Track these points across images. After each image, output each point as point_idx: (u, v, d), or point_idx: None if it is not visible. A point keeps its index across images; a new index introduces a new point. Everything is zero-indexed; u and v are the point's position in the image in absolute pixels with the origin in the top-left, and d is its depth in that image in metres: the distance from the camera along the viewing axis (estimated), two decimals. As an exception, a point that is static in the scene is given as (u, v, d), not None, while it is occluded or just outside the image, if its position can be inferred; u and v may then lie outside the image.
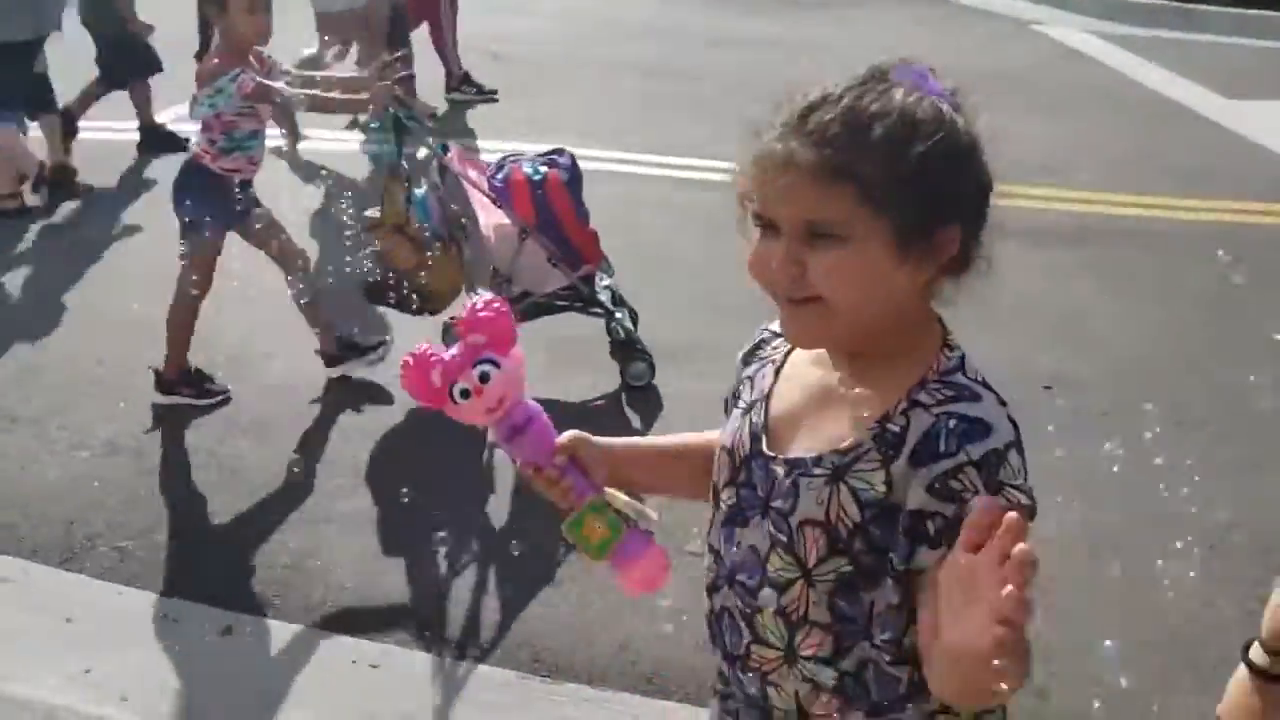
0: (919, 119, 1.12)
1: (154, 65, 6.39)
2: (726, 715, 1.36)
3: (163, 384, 3.86)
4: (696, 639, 2.78)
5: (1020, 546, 0.90)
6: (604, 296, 4.04)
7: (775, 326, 1.33)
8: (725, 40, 9.46)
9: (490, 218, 3.92)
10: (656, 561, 1.37)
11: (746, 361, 1.36)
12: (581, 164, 4.09)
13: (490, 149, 6.68)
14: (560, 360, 4.04)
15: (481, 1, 10.70)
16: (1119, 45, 9.47)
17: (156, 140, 6.38)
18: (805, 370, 1.28)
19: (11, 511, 3.34)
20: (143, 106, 6.43)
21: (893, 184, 1.11)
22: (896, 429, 1.15)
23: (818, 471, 1.18)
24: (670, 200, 5.92)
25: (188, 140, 5.98)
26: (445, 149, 4.06)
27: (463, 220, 3.94)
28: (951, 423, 1.13)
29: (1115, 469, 2.45)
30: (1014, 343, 4.05)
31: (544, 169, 3.96)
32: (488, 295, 1.39)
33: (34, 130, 5.95)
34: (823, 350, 1.25)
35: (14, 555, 3.16)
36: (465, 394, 1.33)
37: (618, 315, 4.03)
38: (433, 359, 1.34)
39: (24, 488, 3.46)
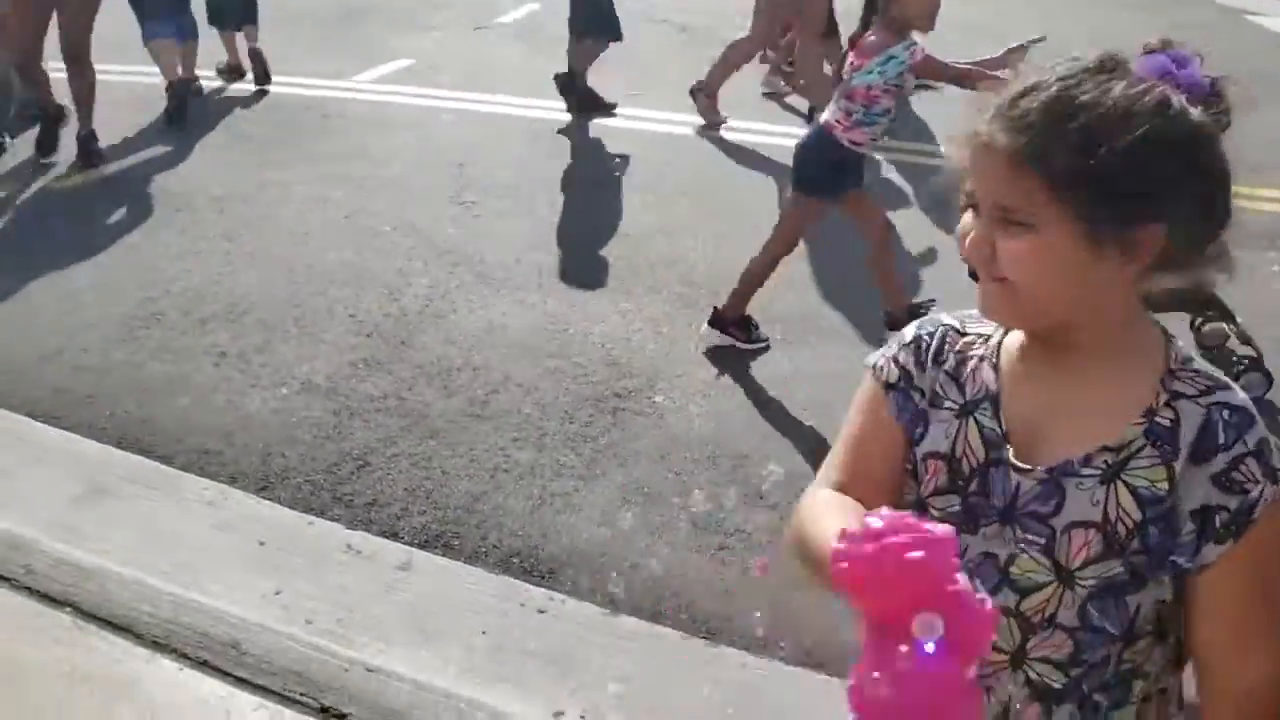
0: (1132, 111, 1.08)
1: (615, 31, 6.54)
2: None
3: (719, 322, 4.11)
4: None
5: None
6: None
7: (953, 322, 1.30)
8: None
9: None
10: None
11: (937, 360, 1.28)
12: (773, 140, 4.07)
13: (687, 120, 6.73)
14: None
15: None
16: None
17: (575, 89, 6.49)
18: (1032, 370, 1.22)
19: (217, 439, 3.58)
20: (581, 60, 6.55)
21: (1083, 177, 1.07)
22: (1166, 423, 1.13)
23: (1088, 472, 1.15)
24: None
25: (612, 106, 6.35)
26: None
27: None
28: (1225, 413, 1.12)
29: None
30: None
31: None
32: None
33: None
34: (1037, 346, 1.21)
35: (216, 479, 3.39)
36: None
37: None
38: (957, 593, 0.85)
39: (228, 418, 3.70)
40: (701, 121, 6.47)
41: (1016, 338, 1.24)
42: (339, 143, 6.20)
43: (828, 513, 1.18)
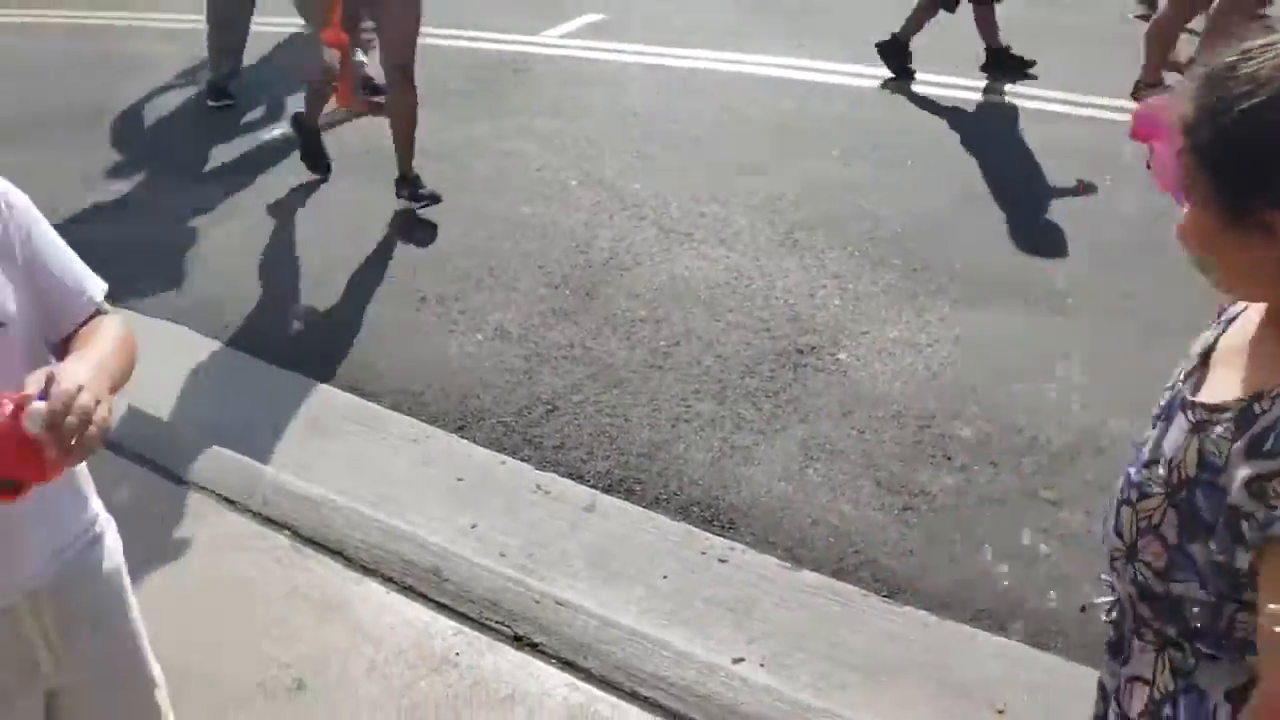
0: (1268, 78, 1.06)
1: None
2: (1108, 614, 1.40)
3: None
4: (1044, 586, 2.74)
5: None
6: None
7: None
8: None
9: None
10: None
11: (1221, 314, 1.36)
12: (961, 94, 3.95)
13: (874, 74, 6.62)
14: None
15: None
16: None
17: (1001, 61, 6.40)
18: (1243, 327, 1.26)
19: (419, 381, 3.80)
20: (988, 29, 6.46)
21: (1219, 148, 1.08)
22: (1259, 411, 1.13)
23: (1189, 416, 1.21)
24: (1044, 134, 5.63)
25: (1031, 63, 6.27)
26: None
27: None
28: None
29: None
30: None
31: None
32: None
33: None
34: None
35: (418, 418, 3.60)
36: None
37: None
38: None
39: (428, 361, 3.92)
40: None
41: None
42: (529, 98, 6.37)
43: None
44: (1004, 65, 6.35)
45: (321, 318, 4.24)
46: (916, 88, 6.25)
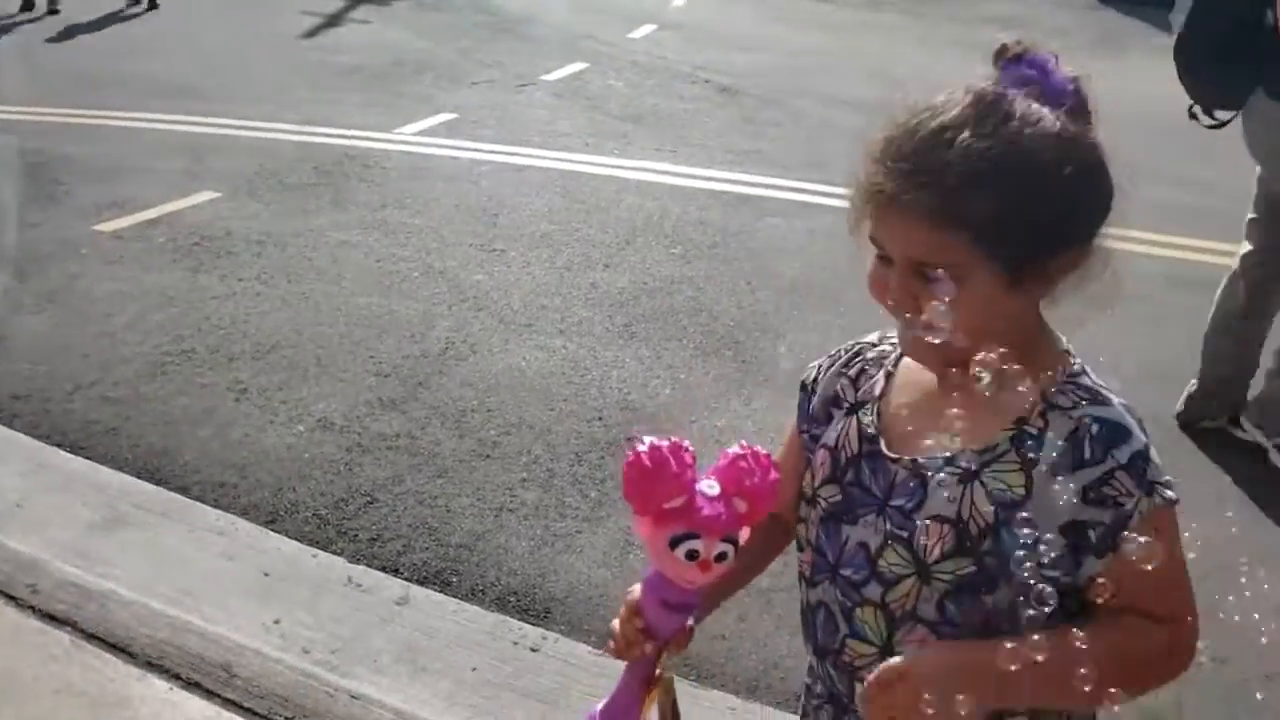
0: (1035, 151, 1.10)
1: None
2: (809, 710, 1.36)
3: None
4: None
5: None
6: None
7: (872, 338, 1.36)
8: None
9: None
10: None
11: (845, 368, 1.36)
12: (802, 197, 4.12)
13: (722, 176, 6.82)
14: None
15: (719, 39, 10.97)
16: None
17: None
18: (919, 373, 1.26)
19: (231, 472, 3.65)
20: None
21: (1004, 225, 1.09)
22: (1034, 431, 1.14)
23: (949, 470, 1.18)
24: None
25: None
26: None
27: None
28: (1095, 428, 1.12)
29: None
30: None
31: None
32: (758, 448, 1.20)
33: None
34: None
35: (228, 511, 3.45)
36: (692, 556, 1.15)
37: None
38: (690, 481, 1.15)
39: (244, 452, 3.77)
40: None
41: None
42: (376, 191, 6.35)
43: None
44: None
45: (131, 407, 4.06)
46: (755, 190, 6.47)
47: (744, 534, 1.18)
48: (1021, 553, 1.09)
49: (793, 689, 2.74)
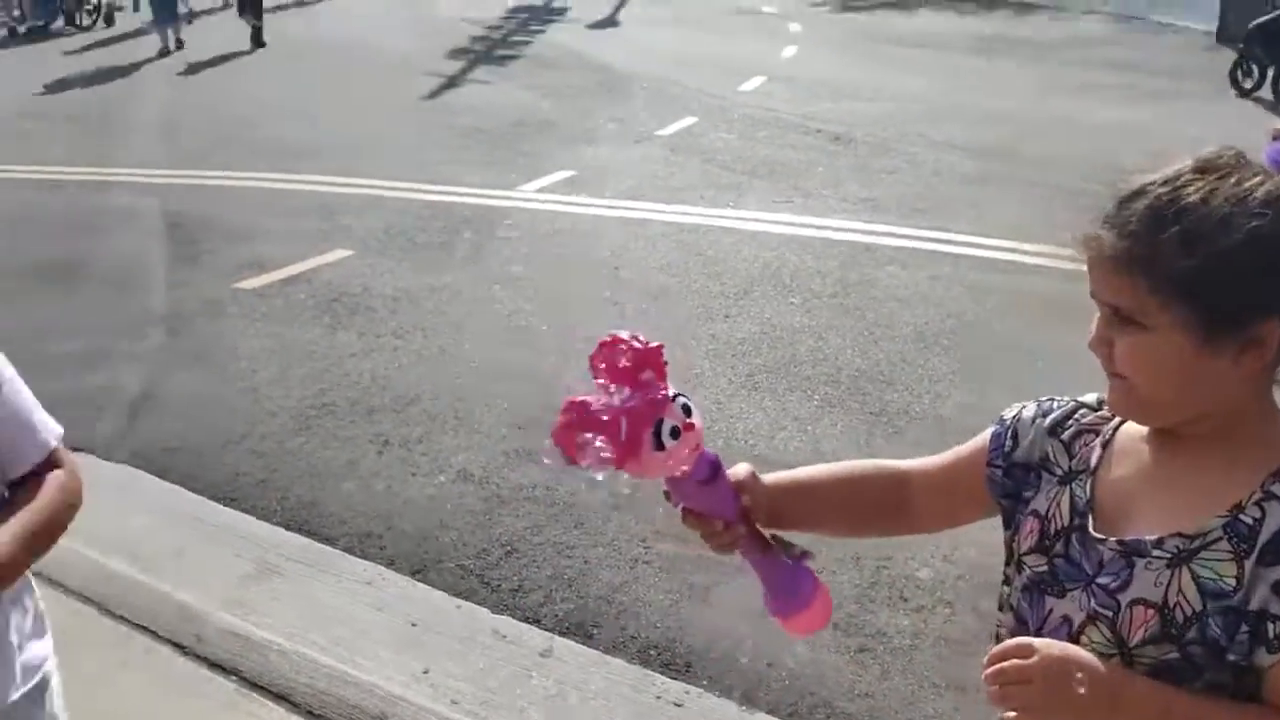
0: (1233, 212, 1.09)
1: None
2: None
3: None
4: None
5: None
6: None
7: (1090, 399, 1.33)
8: (1077, 126, 9.15)
9: None
10: (825, 604, 1.33)
11: (1056, 429, 1.33)
12: (921, 245, 4.11)
13: (839, 225, 6.84)
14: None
15: (829, 88, 11.01)
16: None
17: None
18: (1138, 448, 1.24)
19: (376, 524, 3.77)
20: None
21: (1186, 278, 1.09)
22: (1250, 521, 1.12)
23: (1158, 554, 1.16)
24: (990, 284, 5.80)
25: None
26: None
27: None
28: None
29: None
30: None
31: None
32: (620, 332, 1.21)
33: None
34: (1154, 431, 1.23)
35: (374, 561, 3.56)
36: (676, 432, 1.18)
37: None
38: (597, 407, 1.16)
39: (388, 504, 3.89)
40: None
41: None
42: (502, 248, 6.52)
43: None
44: None
45: (277, 460, 4.23)
46: (888, 240, 6.45)
47: (669, 387, 1.19)
48: (1224, 644, 1.09)
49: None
